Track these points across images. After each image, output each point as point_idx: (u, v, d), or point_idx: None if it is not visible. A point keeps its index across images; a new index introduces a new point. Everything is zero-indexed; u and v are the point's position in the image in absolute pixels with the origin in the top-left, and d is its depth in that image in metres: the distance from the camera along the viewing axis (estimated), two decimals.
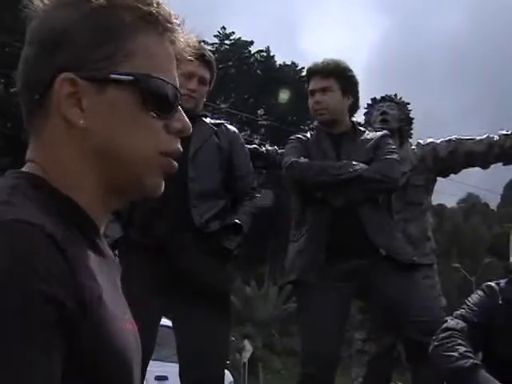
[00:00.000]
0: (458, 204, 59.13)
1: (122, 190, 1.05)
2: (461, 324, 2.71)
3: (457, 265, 36.95)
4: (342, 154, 3.58)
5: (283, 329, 29.62)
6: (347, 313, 3.62)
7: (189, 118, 1.13)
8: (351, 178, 3.43)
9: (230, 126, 3.65)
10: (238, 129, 3.73)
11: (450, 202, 57.84)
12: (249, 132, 38.81)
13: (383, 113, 4.30)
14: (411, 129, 4.43)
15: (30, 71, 1.01)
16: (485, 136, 4.17)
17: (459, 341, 2.62)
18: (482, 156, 4.13)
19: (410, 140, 4.42)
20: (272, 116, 40.63)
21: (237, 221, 3.35)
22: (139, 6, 1.01)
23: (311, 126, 3.89)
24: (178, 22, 1.06)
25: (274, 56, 41.90)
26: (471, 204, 57.76)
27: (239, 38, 42.02)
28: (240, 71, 41.36)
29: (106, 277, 0.98)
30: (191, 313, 3.24)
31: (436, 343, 2.68)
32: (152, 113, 1.02)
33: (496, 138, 4.12)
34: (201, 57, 3.49)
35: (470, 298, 2.85)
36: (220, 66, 39.41)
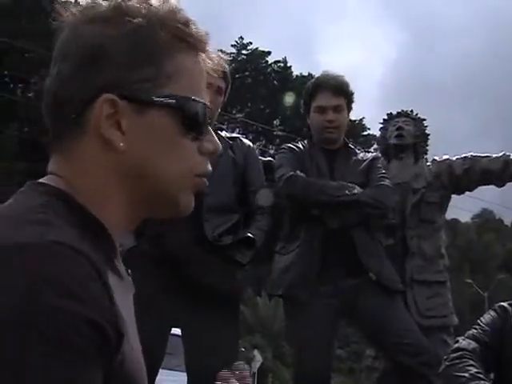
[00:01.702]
0: (472, 219, 58.86)
1: (153, 209, 1.06)
2: (472, 344, 2.70)
3: (469, 280, 36.79)
4: (336, 173, 3.60)
5: None
6: (337, 329, 3.65)
7: None
8: (349, 201, 3.43)
9: (245, 140, 3.65)
10: (253, 139, 3.76)
11: (464, 217, 57.57)
12: (264, 142, 38.86)
13: (399, 128, 4.28)
14: (427, 145, 4.41)
15: (66, 88, 0.99)
16: (501, 154, 4.14)
17: (471, 361, 2.61)
18: (498, 174, 4.10)
19: (425, 156, 4.40)
20: (288, 127, 40.67)
21: (250, 235, 3.35)
22: (177, 25, 1.01)
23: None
24: (208, 40, 1.07)
25: (290, 67, 41.97)
26: (485, 219, 57.47)
27: (256, 48, 42.13)
28: (256, 81, 41.45)
29: (125, 300, 0.98)
30: (200, 323, 3.24)
31: (447, 363, 2.67)
32: (189, 135, 1.03)
33: None
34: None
35: (482, 318, 2.84)
36: (237, 75, 39.52)
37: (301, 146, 3.77)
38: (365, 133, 44.58)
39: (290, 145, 3.85)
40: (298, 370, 3.57)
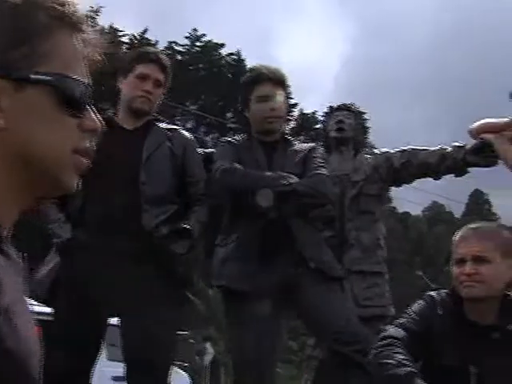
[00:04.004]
0: (423, 212, 59.52)
1: (38, 188, 1.06)
2: (400, 332, 2.75)
3: (420, 273, 37.17)
4: (274, 164, 3.62)
5: None
6: (279, 321, 3.65)
7: (143, 121, 1.11)
8: (286, 191, 3.46)
9: (183, 132, 3.69)
10: (206, 131, 3.77)
11: (416, 210, 58.23)
12: (217, 135, 38.76)
13: (339, 121, 4.33)
14: (366, 138, 4.49)
15: None
16: (438, 147, 4.21)
17: (397, 349, 2.65)
18: (435, 167, 4.17)
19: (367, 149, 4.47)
20: (241, 119, 40.61)
21: (186, 226, 3.38)
22: (54, 6, 1.03)
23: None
24: (87, 21, 1.08)
25: (244, 60, 41.91)
26: (435, 212, 58.16)
27: (210, 40, 42.01)
28: (210, 73, 41.31)
29: (13, 282, 0.98)
30: (138, 313, 3.26)
31: (375, 351, 2.72)
32: (67, 112, 1.04)
33: (449, 149, 4.16)
34: (155, 60, 3.55)
35: (411, 307, 2.89)
36: (190, 67, 39.41)
37: (239, 139, 3.80)
38: (317, 126, 44.72)
39: (228, 138, 3.87)
40: (239, 361, 3.60)
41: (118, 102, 3.64)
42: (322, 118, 4.53)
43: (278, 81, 3.73)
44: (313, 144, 3.86)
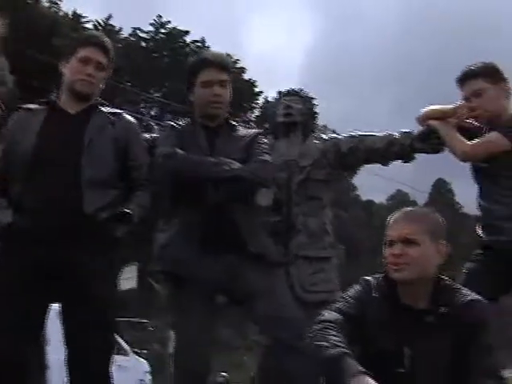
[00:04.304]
0: (387, 200, 59.87)
1: None
2: (335, 316, 2.75)
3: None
4: (217, 149, 3.59)
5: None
6: (217, 307, 3.64)
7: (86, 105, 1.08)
8: (227, 177, 3.45)
9: (127, 116, 3.67)
10: (170, 118, 3.74)
11: (379, 198, 58.61)
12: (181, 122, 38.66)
13: (287, 107, 4.32)
14: (315, 123, 4.47)
15: None
16: (386, 133, 4.23)
17: (332, 331, 2.65)
18: (382, 152, 4.18)
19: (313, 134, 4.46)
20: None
21: (126, 210, 3.37)
22: None
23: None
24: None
25: (209, 47, 41.71)
26: (399, 201, 58.56)
27: (175, 27, 41.73)
28: (174, 61, 41.08)
29: None
30: (75, 302, 3.27)
31: (310, 335, 2.72)
32: None
33: (396, 135, 4.18)
34: (98, 43, 3.53)
35: (347, 292, 2.90)
36: (154, 54, 39.15)
37: (183, 123, 3.78)
38: None
39: (170, 122, 3.86)
40: (177, 346, 3.59)
41: (61, 86, 3.60)
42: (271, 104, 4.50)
43: (222, 66, 3.71)
44: (257, 130, 3.85)
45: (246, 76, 41.29)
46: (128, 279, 20.27)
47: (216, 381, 9.76)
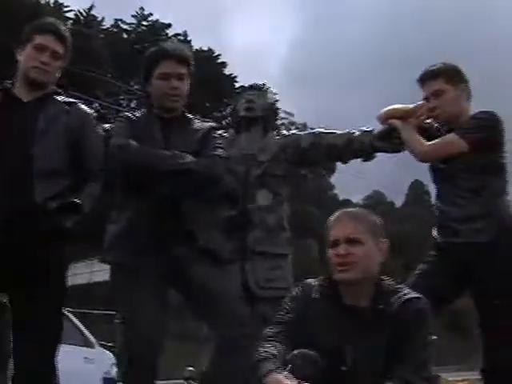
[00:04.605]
0: (364, 201, 60.08)
1: None
2: (275, 329, 2.79)
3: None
4: (171, 141, 3.56)
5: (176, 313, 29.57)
6: (166, 299, 3.62)
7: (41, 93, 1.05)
8: (180, 170, 3.42)
9: (82, 106, 3.65)
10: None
11: (356, 198, 58.76)
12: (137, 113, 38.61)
13: (249, 101, 4.30)
14: (276, 119, 4.46)
15: None
16: (346, 131, 4.22)
17: (266, 345, 2.72)
18: (342, 150, 4.18)
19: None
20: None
21: (76, 200, 3.34)
22: None
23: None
24: None
25: (190, 41, 41.61)
26: (376, 201, 58.78)
27: (157, 19, 41.61)
28: None
29: None
30: (22, 290, 3.25)
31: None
32: None
33: (357, 133, 4.17)
34: (54, 31, 3.49)
35: (286, 298, 2.94)
36: (136, 46, 38.96)
37: (138, 114, 3.73)
38: None
39: (127, 113, 3.81)
40: (126, 338, 3.56)
41: (16, 74, 3.55)
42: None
43: (181, 59, 3.66)
44: (213, 123, 3.82)
45: (226, 71, 41.34)
46: (99, 272, 20.26)
47: (183, 375, 9.71)
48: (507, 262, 3.59)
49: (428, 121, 3.90)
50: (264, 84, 4.53)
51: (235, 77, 40.99)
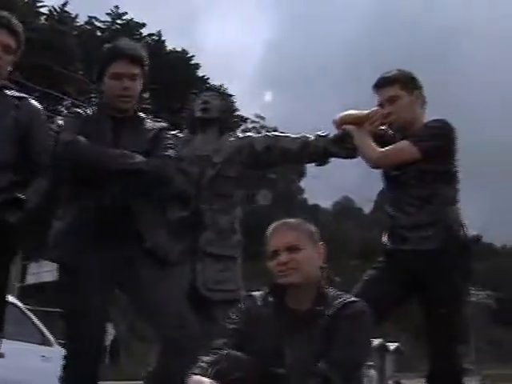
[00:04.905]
0: (333, 206, 60.36)
1: None
2: (222, 341, 2.82)
3: (324, 265, 37.60)
4: (122, 140, 3.53)
5: None
6: (109, 300, 3.61)
7: None
8: (129, 170, 3.39)
9: (32, 101, 3.61)
10: None
11: (326, 204, 59.01)
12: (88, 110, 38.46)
13: (205, 102, 4.28)
14: (232, 120, 4.44)
15: None
16: (301, 135, 4.22)
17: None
18: (296, 154, 4.17)
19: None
20: (158, 102, 40.23)
21: (20, 195, 3.30)
22: None
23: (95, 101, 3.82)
24: None
25: (164, 41, 41.49)
26: (344, 207, 59.05)
27: (131, 18, 41.43)
28: None
29: None
30: None
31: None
32: None
33: (312, 137, 4.17)
34: (6, 25, 3.45)
35: (232, 310, 3.00)
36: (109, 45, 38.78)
37: (89, 111, 3.68)
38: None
39: (77, 109, 3.78)
40: (69, 335, 3.54)
41: None
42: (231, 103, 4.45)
43: (135, 59, 3.61)
44: (164, 123, 3.79)
45: (200, 72, 41.26)
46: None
47: (147, 370, 9.61)
48: (454, 271, 3.60)
49: (382, 127, 3.90)
50: (221, 85, 4.51)
51: (208, 78, 40.92)
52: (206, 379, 2.53)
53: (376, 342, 31.20)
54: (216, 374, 2.57)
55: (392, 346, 36.03)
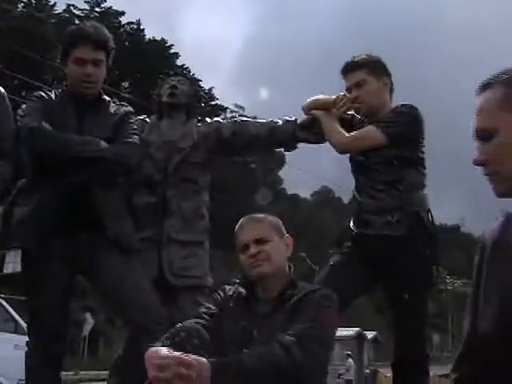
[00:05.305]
0: (312, 196, 60.43)
1: None
2: (193, 321, 2.82)
3: (303, 254, 37.81)
4: (86, 125, 3.49)
5: None
6: (71, 286, 3.60)
7: None
8: (93, 157, 3.36)
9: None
10: None
11: (305, 193, 59.07)
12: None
13: (172, 87, 4.23)
14: (199, 106, 4.40)
15: None
16: (269, 120, 4.19)
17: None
18: (264, 139, 4.14)
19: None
20: (137, 90, 40.05)
21: None
22: None
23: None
24: None
25: (143, 29, 41.31)
26: (324, 197, 59.12)
27: (110, 7, 41.24)
28: None
29: None
30: None
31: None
32: None
33: (280, 123, 4.15)
34: None
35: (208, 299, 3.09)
36: None
37: (53, 95, 3.62)
38: (213, 102, 44.49)
39: (41, 93, 3.68)
40: (30, 326, 3.55)
41: None
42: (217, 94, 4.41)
43: (99, 44, 3.55)
44: (129, 108, 3.75)
45: (179, 62, 41.09)
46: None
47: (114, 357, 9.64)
48: (418, 256, 3.60)
49: (350, 112, 3.88)
50: (189, 70, 4.48)
51: (187, 68, 40.76)
52: (163, 348, 2.52)
53: (354, 330, 31.39)
54: (174, 343, 2.57)
55: (370, 334, 36.20)
